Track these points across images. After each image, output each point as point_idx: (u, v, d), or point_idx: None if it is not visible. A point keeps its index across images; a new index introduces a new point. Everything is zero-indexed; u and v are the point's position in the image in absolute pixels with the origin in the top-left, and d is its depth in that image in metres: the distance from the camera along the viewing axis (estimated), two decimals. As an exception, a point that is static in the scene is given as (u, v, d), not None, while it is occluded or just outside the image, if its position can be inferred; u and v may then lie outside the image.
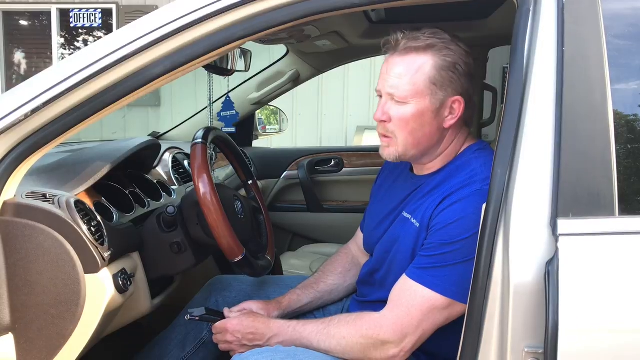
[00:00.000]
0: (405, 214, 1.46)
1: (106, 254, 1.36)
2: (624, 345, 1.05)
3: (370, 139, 6.34)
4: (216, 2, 1.22)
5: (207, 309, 1.62)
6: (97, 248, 1.33)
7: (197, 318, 1.59)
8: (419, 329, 1.32)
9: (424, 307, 1.31)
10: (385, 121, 1.40)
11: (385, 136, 1.43)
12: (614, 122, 1.09)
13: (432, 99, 1.36)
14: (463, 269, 1.27)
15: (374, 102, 7.91)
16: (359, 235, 1.78)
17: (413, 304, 1.32)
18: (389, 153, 1.44)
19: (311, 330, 1.42)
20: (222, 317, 1.60)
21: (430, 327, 1.32)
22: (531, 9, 1.15)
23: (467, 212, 1.29)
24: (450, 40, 1.37)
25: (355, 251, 1.80)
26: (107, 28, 8.44)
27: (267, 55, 2.96)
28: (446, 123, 1.40)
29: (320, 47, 2.45)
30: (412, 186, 1.50)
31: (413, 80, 1.35)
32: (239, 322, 1.51)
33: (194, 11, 1.22)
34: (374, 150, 3.21)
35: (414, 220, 1.42)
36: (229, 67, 2.11)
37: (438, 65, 1.35)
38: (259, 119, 3.31)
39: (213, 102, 2.50)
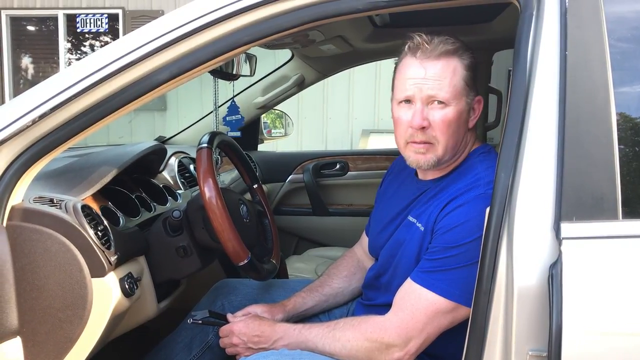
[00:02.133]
0: (410, 218, 1.47)
1: (112, 258, 1.37)
2: (627, 349, 1.05)
3: (375, 142, 6.35)
4: (222, 8, 1.23)
5: (211, 311, 1.63)
6: (103, 252, 1.34)
7: (200, 322, 1.60)
8: (423, 332, 1.32)
9: (428, 310, 1.31)
10: (425, 127, 1.36)
11: (425, 142, 1.38)
12: (617, 126, 1.09)
13: (466, 99, 1.39)
14: (467, 272, 1.27)
15: (379, 106, 7.92)
16: (364, 239, 1.79)
17: (418, 307, 1.32)
18: (427, 160, 1.39)
19: (316, 333, 1.43)
20: (225, 320, 1.61)
21: (434, 330, 1.33)
22: (534, 13, 1.15)
23: (471, 215, 1.29)
24: (465, 44, 1.40)
25: (360, 255, 1.81)
26: (113, 33, 8.49)
27: (272, 60, 2.97)
28: (470, 123, 1.43)
29: (325, 51, 2.46)
30: (417, 191, 1.50)
31: (453, 82, 1.36)
32: (245, 325, 1.52)
33: (200, 17, 1.23)
34: (379, 153, 3.21)
35: (419, 225, 1.42)
36: (234, 72, 2.12)
37: (466, 66, 1.38)
38: (264, 122, 3.33)
39: (219, 107, 2.51)
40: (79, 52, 8.85)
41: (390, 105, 1.46)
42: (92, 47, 8.79)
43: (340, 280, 1.77)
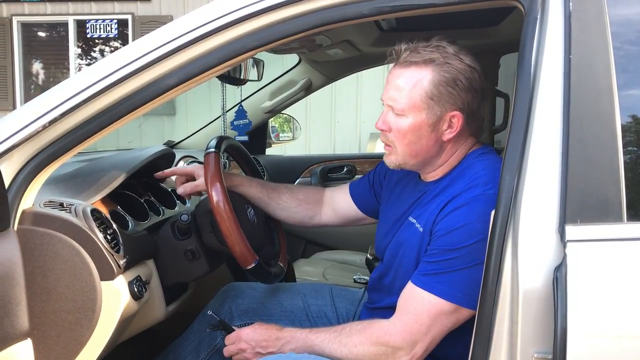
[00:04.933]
0: (411, 219, 1.48)
1: (121, 262, 1.38)
2: (632, 351, 1.05)
3: (383, 146, 6.33)
4: (228, 13, 1.24)
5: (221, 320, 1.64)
6: (112, 256, 1.36)
7: (218, 319, 1.61)
8: (428, 335, 1.33)
9: (431, 313, 1.32)
10: (385, 130, 1.43)
11: (387, 145, 1.46)
12: (622, 128, 1.09)
13: (428, 113, 1.37)
14: (468, 274, 1.28)
15: (387, 109, 7.89)
16: (341, 193, 1.82)
17: (421, 310, 1.33)
18: (390, 161, 1.47)
19: (323, 338, 1.43)
20: (232, 329, 1.61)
21: (439, 332, 1.33)
22: (538, 16, 1.16)
23: (470, 218, 1.30)
24: (453, 55, 1.36)
25: (327, 198, 1.85)
26: (123, 38, 8.55)
27: (280, 64, 2.99)
28: (445, 137, 1.41)
29: (331, 55, 2.47)
30: (419, 192, 1.51)
31: (410, 94, 1.36)
32: (252, 330, 1.52)
33: (208, 23, 1.25)
34: (386, 157, 3.16)
35: (418, 225, 1.43)
36: (241, 77, 2.13)
37: (436, 81, 1.35)
38: (272, 127, 3.34)
39: (226, 111, 2.53)
40: (89, 57, 8.93)
41: None
42: (102, 52, 8.86)
43: (292, 198, 1.82)
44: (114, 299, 1.35)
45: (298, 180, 3.16)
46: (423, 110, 1.37)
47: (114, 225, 1.46)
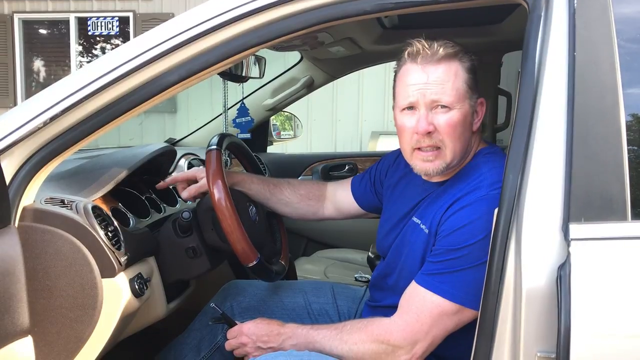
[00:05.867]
0: (415, 219, 1.47)
1: (123, 259, 1.38)
2: (636, 351, 1.05)
3: (385, 144, 6.33)
4: (230, 10, 1.24)
5: (224, 314, 1.64)
6: (113, 253, 1.35)
7: (221, 312, 1.61)
8: (429, 335, 1.32)
9: (433, 313, 1.31)
10: (431, 132, 1.35)
11: (434, 147, 1.37)
12: (626, 126, 1.08)
13: (470, 102, 1.38)
14: (471, 274, 1.27)
15: (388, 107, 7.87)
16: (343, 188, 1.83)
17: (422, 310, 1.32)
18: (435, 167, 1.38)
19: (324, 335, 1.43)
20: (235, 323, 1.62)
21: (440, 333, 1.33)
22: (542, 14, 1.15)
23: (474, 217, 1.30)
24: (464, 47, 1.40)
25: (329, 193, 1.85)
26: (124, 35, 8.55)
27: (282, 62, 2.99)
28: (474, 126, 1.42)
29: (334, 53, 2.46)
30: (424, 192, 1.50)
31: (455, 86, 1.35)
32: (254, 324, 1.52)
33: (209, 20, 1.24)
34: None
35: (423, 227, 1.42)
36: (243, 74, 2.13)
37: (467, 69, 1.38)
38: (273, 124, 3.33)
39: (228, 109, 2.52)
40: (90, 54, 8.92)
41: (393, 113, 1.46)
42: (103, 49, 8.86)
43: (293, 194, 1.83)
44: (115, 296, 1.35)
45: (299, 179, 3.16)
46: (466, 99, 1.37)
47: (115, 223, 1.46)
